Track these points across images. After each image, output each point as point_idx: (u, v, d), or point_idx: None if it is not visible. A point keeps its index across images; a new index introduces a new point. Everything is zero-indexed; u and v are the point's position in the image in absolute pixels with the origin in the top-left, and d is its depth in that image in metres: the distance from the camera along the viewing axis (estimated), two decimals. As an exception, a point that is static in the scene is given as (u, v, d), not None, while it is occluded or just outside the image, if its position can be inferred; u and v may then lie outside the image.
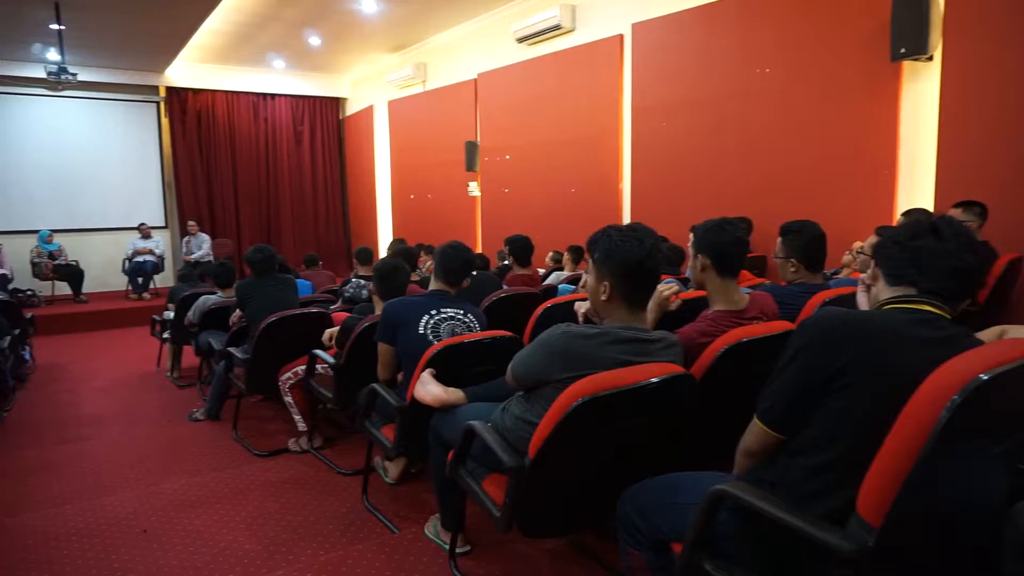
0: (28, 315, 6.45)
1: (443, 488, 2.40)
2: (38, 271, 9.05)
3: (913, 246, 1.40)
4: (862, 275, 1.50)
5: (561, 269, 5.78)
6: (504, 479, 1.93)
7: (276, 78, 10.90)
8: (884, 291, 1.44)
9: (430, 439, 2.39)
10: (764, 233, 4.81)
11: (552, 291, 4.43)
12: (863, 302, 1.94)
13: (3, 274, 8.41)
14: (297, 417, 3.71)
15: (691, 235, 4.57)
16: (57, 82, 7.47)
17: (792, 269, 2.61)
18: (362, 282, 4.67)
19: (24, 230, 9.44)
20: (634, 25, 6.19)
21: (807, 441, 1.37)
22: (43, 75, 7.70)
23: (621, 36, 6.36)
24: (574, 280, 4.88)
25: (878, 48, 4.43)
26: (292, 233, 11.31)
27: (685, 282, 3.70)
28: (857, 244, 4.07)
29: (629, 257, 1.75)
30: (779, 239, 2.66)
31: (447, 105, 8.89)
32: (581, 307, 2.18)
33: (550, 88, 7.20)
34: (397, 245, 6.25)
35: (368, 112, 10.86)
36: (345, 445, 3.79)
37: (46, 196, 9.80)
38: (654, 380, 1.71)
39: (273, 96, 11.13)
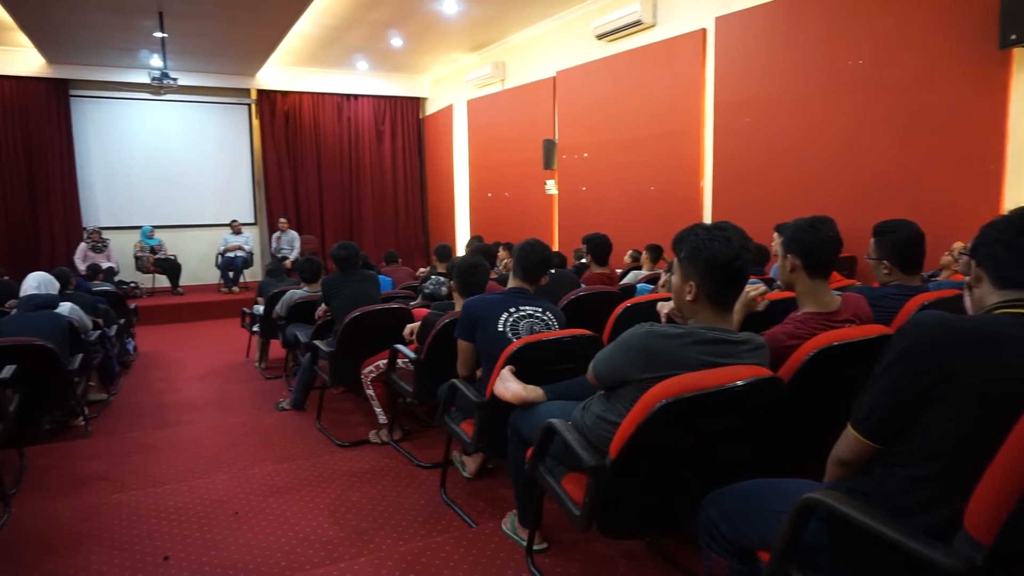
0: (132, 306, 6.88)
1: (521, 485, 2.41)
2: (140, 265, 9.65)
3: (1019, 244, 1.30)
4: (966, 277, 1.42)
5: (639, 268, 5.71)
6: (584, 478, 1.93)
7: (359, 79, 11.20)
8: (990, 294, 1.35)
9: (509, 436, 2.41)
10: (855, 233, 4.61)
11: (630, 290, 4.38)
12: (970, 306, 1.84)
13: (110, 267, 9.00)
14: (378, 410, 3.81)
15: (776, 234, 4.46)
16: (159, 86, 7.93)
17: (886, 271, 2.48)
18: (442, 279, 4.75)
19: (128, 226, 10.07)
20: (717, 19, 6.04)
21: (906, 451, 1.31)
22: (147, 80, 8.19)
23: (704, 30, 6.21)
24: (652, 279, 4.81)
25: (984, 35, 4.16)
26: (373, 230, 11.61)
27: (769, 283, 3.59)
28: (958, 245, 3.84)
29: (717, 257, 1.71)
30: (872, 240, 2.54)
31: (525, 103, 8.92)
32: (664, 307, 2.15)
33: (629, 85, 7.11)
34: (476, 243, 6.33)
35: (447, 111, 11.02)
36: (423, 439, 3.86)
37: (148, 194, 10.42)
38: (740, 383, 1.67)
39: (356, 97, 11.44)
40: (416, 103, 11.97)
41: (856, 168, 5.05)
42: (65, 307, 4.38)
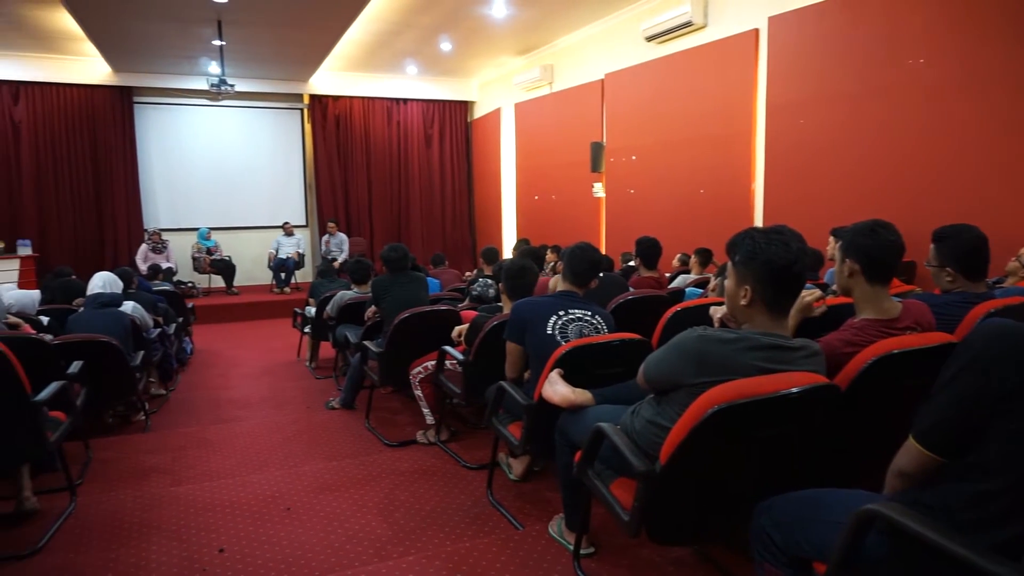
0: (189, 305, 7.10)
1: (569, 488, 2.41)
2: (197, 265, 9.96)
3: None
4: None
5: (688, 272, 5.64)
6: (633, 483, 1.92)
7: (409, 83, 11.35)
8: None
9: (556, 439, 2.41)
10: (913, 238, 4.46)
11: (679, 294, 4.33)
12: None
13: (169, 267, 9.32)
14: (426, 410, 3.85)
15: (831, 238, 4.34)
16: (217, 92, 8.18)
17: (948, 278, 2.40)
18: (489, 281, 4.77)
19: (186, 228, 10.41)
20: (771, 19, 5.93)
21: (972, 465, 1.26)
22: (206, 87, 8.46)
23: (756, 31, 6.11)
24: (701, 283, 4.74)
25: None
26: (420, 232, 11.75)
27: (823, 288, 3.51)
28: (1026, 250, 3.69)
29: (774, 260, 1.67)
30: (932, 245, 2.45)
31: (573, 106, 8.91)
32: (717, 311, 2.12)
33: (679, 87, 7.04)
34: (523, 245, 6.34)
35: (495, 115, 11.07)
36: (470, 440, 3.89)
37: (205, 197, 10.75)
38: (795, 390, 1.64)
39: (405, 101, 11.59)
40: (464, 107, 12.06)
41: (915, 171, 4.89)
42: (128, 306, 4.55)
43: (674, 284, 4.99)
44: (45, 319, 4.27)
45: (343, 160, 11.35)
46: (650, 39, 7.27)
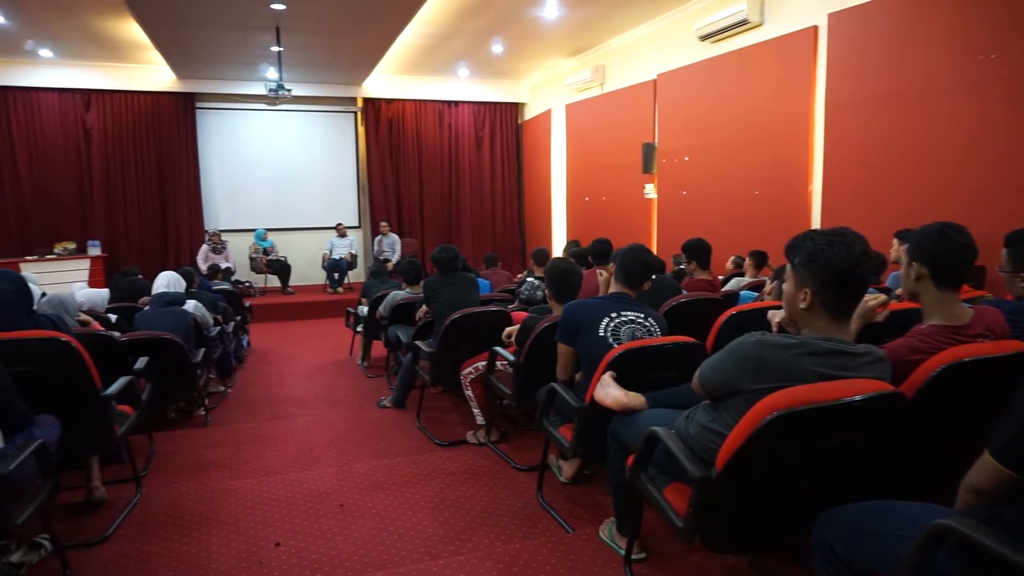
0: (247, 304, 7.31)
1: (621, 492, 2.39)
2: (254, 265, 10.24)
3: None
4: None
5: (742, 275, 5.52)
6: (687, 488, 1.89)
7: (460, 86, 11.44)
8: None
9: (608, 442, 2.39)
10: (983, 241, 4.27)
11: (733, 297, 4.25)
12: None
13: (228, 267, 9.60)
14: (476, 410, 3.87)
15: (895, 241, 4.19)
16: (275, 97, 8.39)
17: (1022, 284, 2.29)
18: (537, 283, 4.77)
19: (244, 229, 10.70)
20: (831, 15, 5.76)
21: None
22: (264, 92, 8.68)
23: (815, 28, 5.94)
24: (756, 287, 4.64)
25: None
26: (471, 234, 11.82)
27: (886, 292, 3.39)
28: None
29: (836, 263, 1.62)
30: (1004, 250, 2.35)
31: (625, 107, 8.83)
32: (775, 315, 2.07)
33: (734, 86, 6.90)
34: (572, 247, 6.31)
35: (546, 116, 11.06)
36: (520, 441, 3.89)
37: (262, 198, 11.03)
38: (859, 398, 1.59)
39: (457, 103, 11.68)
40: (515, 108, 12.09)
41: (984, 172, 4.68)
42: (190, 304, 4.70)
43: (728, 287, 4.89)
44: (113, 317, 4.44)
45: (395, 162, 11.51)
46: (704, 38, 7.15)
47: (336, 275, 10.34)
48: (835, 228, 1.69)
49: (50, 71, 9.52)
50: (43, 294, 3.72)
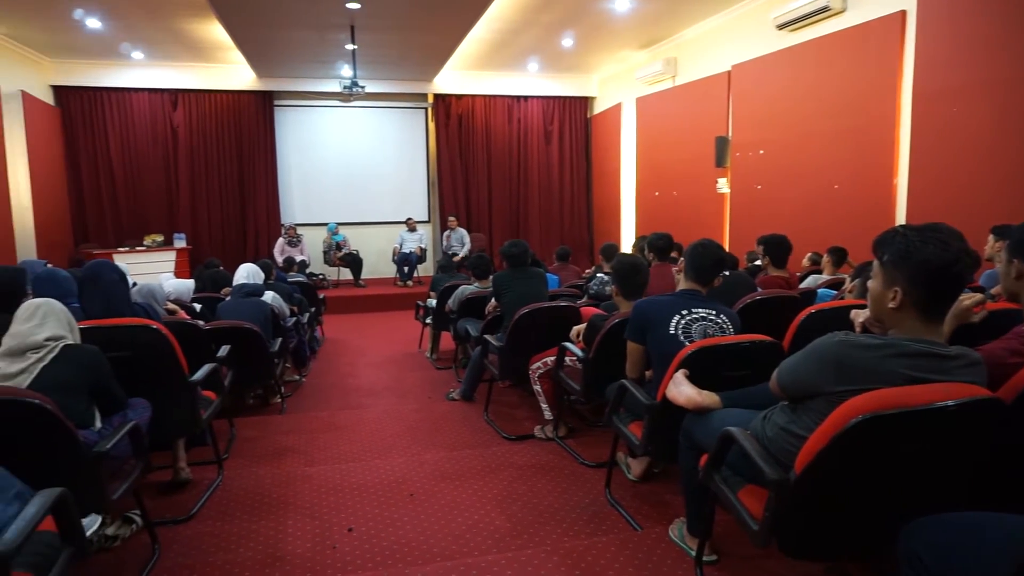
0: (321, 296, 7.52)
1: (692, 492, 2.34)
2: (328, 258, 10.53)
3: None
4: None
5: (819, 272, 5.33)
6: (763, 491, 1.84)
7: (529, 80, 11.43)
8: None
9: (680, 441, 2.35)
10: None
11: (810, 295, 4.10)
12: None
13: (303, 260, 9.91)
14: (544, 406, 3.87)
15: (991, 237, 3.96)
16: (349, 94, 8.60)
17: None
18: (605, 278, 4.73)
19: (318, 222, 11.02)
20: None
21: None
22: (338, 89, 8.91)
23: (903, 13, 5.66)
24: (835, 284, 4.47)
25: None
26: (539, 228, 11.81)
27: (979, 291, 3.21)
28: None
29: (931, 261, 1.54)
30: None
31: (697, 100, 8.64)
32: (859, 315, 1.98)
33: (813, 76, 6.65)
34: (642, 243, 6.22)
35: (616, 110, 10.94)
36: (587, 437, 3.87)
37: (335, 193, 11.34)
38: (951, 402, 1.51)
39: (526, 98, 11.69)
40: (584, 102, 12.00)
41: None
42: (268, 295, 4.88)
43: (805, 284, 4.73)
44: (198, 306, 4.65)
45: (464, 157, 11.61)
46: (782, 27, 6.92)
47: (406, 269, 10.53)
48: (929, 223, 1.60)
49: (141, 72, 10.04)
50: (134, 284, 3.93)
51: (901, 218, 5.73)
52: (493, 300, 4.48)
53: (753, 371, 2.39)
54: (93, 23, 7.73)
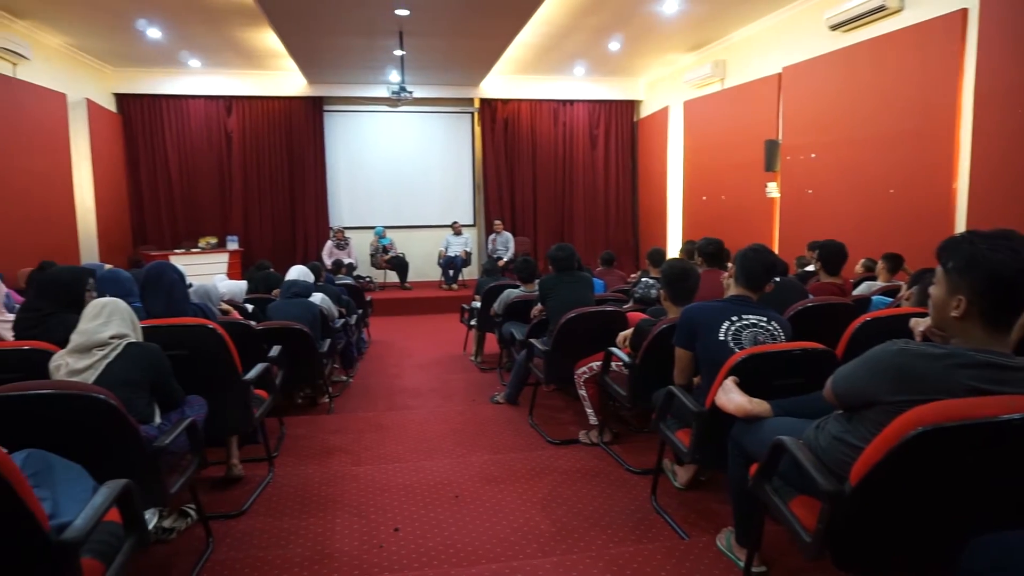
0: (368, 298, 7.63)
1: (741, 502, 2.31)
2: (374, 261, 10.68)
3: None
4: None
5: (872, 279, 5.18)
6: (815, 502, 1.80)
7: (575, 84, 11.42)
8: None
9: (730, 449, 2.31)
10: None
11: (865, 303, 3.99)
12: None
13: (350, 263, 10.08)
14: (589, 411, 3.86)
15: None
16: (397, 99, 8.71)
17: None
18: (651, 281, 4.69)
19: (365, 226, 11.19)
20: (983, -3, 5.29)
21: None
22: (386, 94, 9.03)
23: (964, 11, 5.47)
24: (890, 292, 4.34)
25: None
26: (584, 232, 11.77)
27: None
28: None
29: (1000, 270, 1.48)
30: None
31: (746, 103, 8.50)
32: (919, 323, 1.92)
33: (868, 78, 6.48)
34: (689, 247, 6.15)
35: (663, 113, 10.84)
36: (632, 443, 3.84)
37: (382, 197, 11.50)
38: (1018, 416, 1.45)
39: (572, 102, 11.67)
40: (630, 106, 11.92)
41: None
42: (317, 297, 4.98)
43: (858, 291, 4.61)
44: (250, 307, 4.77)
45: (510, 161, 11.65)
46: (835, 27, 6.76)
47: (451, 272, 10.61)
48: (999, 230, 1.54)
49: (198, 79, 10.36)
50: (190, 284, 4.05)
51: (961, 224, 5.54)
52: (539, 304, 4.48)
53: (805, 379, 2.34)
54: (154, 33, 8.02)
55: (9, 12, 7.12)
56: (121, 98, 10.29)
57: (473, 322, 6.35)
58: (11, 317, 3.34)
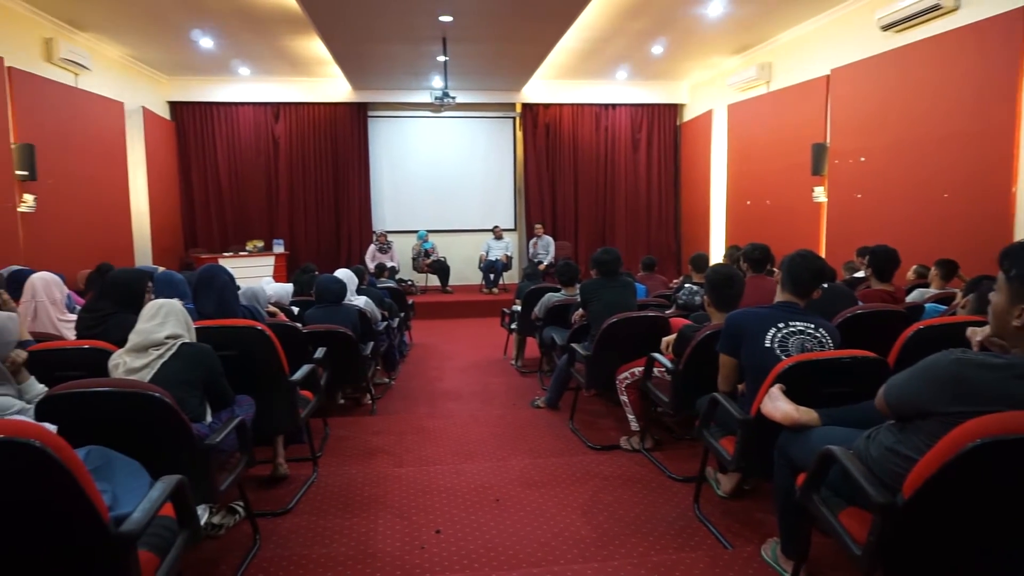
0: (410, 302, 7.71)
1: (787, 512, 2.26)
2: (416, 265, 10.79)
3: None
4: None
5: (925, 285, 5.03)
6: (866, 514, 1.76)
7: (617, 88, 11.36)
8: None
9: (776, 458, 2.27)
10: None
11: (917, 310, 3.88)
12: None
13: (393, 266, 10.20)
14: (631, 416, 3.83)
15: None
16: (440, 105, 8.80)
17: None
18: (695, 287, 4.64)
19: (408, 230, 11.32)
20: (1045, -6, 5.10)
21: None
22: (429, 100, 9.14)
23: (1023, 9, 5.29)
24: (944, 299, 4.21)
25: None
26: (625, 237, 11.68)
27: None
28: None
29: (1066, 277, 1.44)
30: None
31: (793, 105, 8.35)
32: (977, 332, 1.86)
33: (921, 79, 6.30)
34: (734, 252, 6.07)
35: (706, 117, 10.72)
36: (674, 450, 3.80)
37: (424, 201, 11.62)
38: (1084, 430, 1.40)
39: (614, 106, 11.62)
40: (673, 110, 11.82)
41: None
42: (361, 300, 5.05)
43: (911, 298, 4.48)
44: (296, 309, 4.87)
45: (551, 166, 11.65)
46: (887, 28, 6.60)
47: (492, 276, 10.65)
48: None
49: (247, 87, 10.63)
50: (238, 287, 4.15)
51: (1020, 229, 5.34)
52: (580, 308, 4.47)
53: (854, 388, 2.29)
54: (206, 42, 8.26)
55: (73, 25, 7.42)
56: (175, 106, 10.62)
57: (514, 326, 6.36)
58: (72, 317, 3.48)
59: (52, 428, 1.56)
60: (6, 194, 6.19)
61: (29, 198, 6.47)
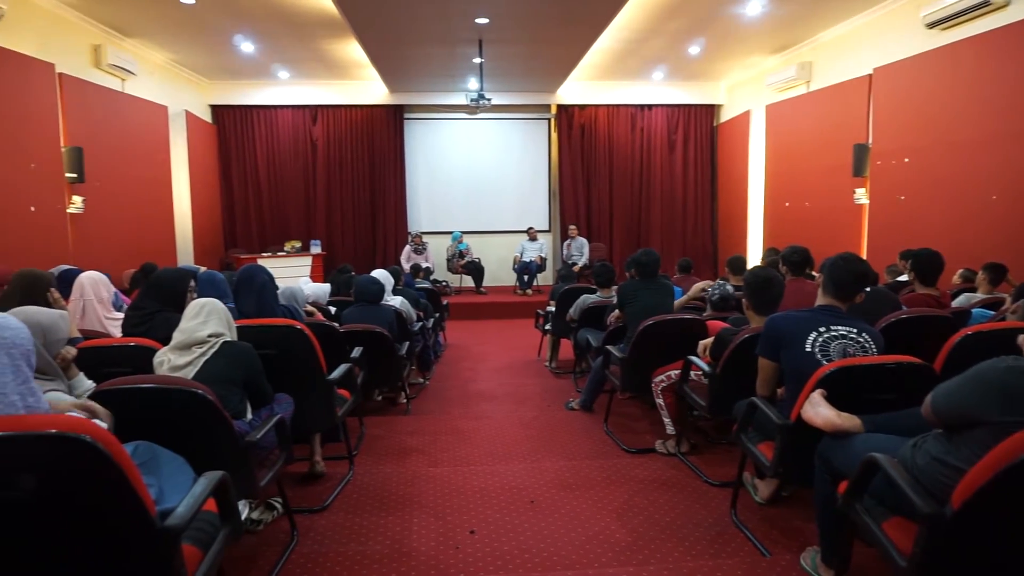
0: (444, 302, 7.75)
1: (828, 520, 2.22)
2: (451, 266, 10.85)
3: None
4: None
5: (972, 290, 4.89)
6: (910, 524, 1.72)
7: (653, 89, 11.27)
8: None
9: (816, 465, 2.23)
10: None
11: (963, 315, 3.78)
12: None
13: (428, 267, 10.27)
14: (667, 420, 3.80)
15: None
16: (476, 106, 8.83)
17: None
18: (722, 282, 4.57)
19: (443, 231, 11.39)
20: (1102, -11, 4.92)
21: None
22: (465, 102, 9.18)
23: (1079, 5, 5.12)
24: (993, 304, 4.09)
25: None
26: (660, 239, 11.58)
27: None
28: None
29: (1123, 283, 1.39)
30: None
31: (833, 106, 8.18)
32: (1029, 339, 1.81)
33: (969, 78, 6.12)
34: (772, 255, 5.97)
35: (744, 117, 10.57)
36: (711, 455, 3.76)
37: (459, 202, 11.68)
38: None
39: (650, 107, 11.53)
40: (710, 110, 11.68)
41: None
42: (397, 300, 5.09)
43: (957, 303, 4.36)
44: (333, 309, 4.93)
45: (586, 167, 11.61)
46: (932, 25, 6.43)
47: (526, 277, 10.65)
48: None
49: (286, 90, 10.81)
50: (277, 286, 4.22)
51: (1073, 232, 5.16)
52: (616, 310, 4.45)
53: (898, 395, 2.24)
54: (247, 47, 8.43)
55: (120, 31, 7.64)
56: (216, 109, 10.86)
57: (548, 327, 6.35)
58: (119, 315, 3.58)
59: (104, 424, 1.61)
60: (56, 196, 6.40)
61: (78, 200, 6.67)
